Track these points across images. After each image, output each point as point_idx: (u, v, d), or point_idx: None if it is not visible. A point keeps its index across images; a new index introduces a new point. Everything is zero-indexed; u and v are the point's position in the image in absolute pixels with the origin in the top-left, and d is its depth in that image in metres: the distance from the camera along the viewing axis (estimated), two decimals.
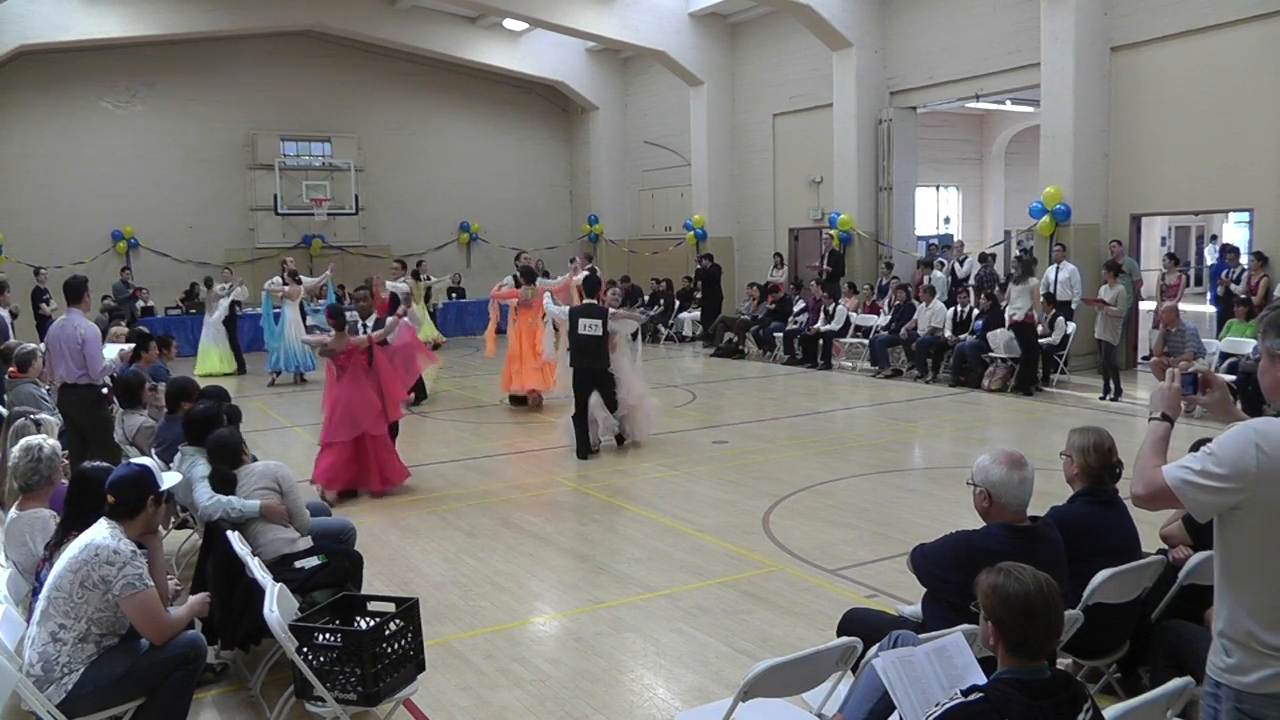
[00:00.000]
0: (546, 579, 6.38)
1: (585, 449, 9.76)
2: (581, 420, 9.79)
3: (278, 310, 15.47)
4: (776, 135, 20.25)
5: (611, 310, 10.09)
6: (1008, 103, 21.36)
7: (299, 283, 15.63)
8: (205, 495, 5.11)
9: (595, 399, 9.86)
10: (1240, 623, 2.56)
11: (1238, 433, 2.50)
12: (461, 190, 24.29)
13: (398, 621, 4.04)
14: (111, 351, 9.09)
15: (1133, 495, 2.69)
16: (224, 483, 5.16)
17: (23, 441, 4.81)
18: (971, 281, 16.45)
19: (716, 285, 19.35)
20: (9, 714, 3.61)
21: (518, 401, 12.72)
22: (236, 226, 22.19)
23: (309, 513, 5.41)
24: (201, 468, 5.25)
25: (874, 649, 3.36)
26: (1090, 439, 4.20)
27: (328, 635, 3.94)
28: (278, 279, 15.75)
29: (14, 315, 13.10)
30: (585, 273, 11.60)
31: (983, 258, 17.49)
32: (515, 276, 13.14)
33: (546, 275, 14.12)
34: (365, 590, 5.23)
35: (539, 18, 19.76)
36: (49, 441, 4.85)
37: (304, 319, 15.39)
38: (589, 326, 9.67)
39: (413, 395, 12.43)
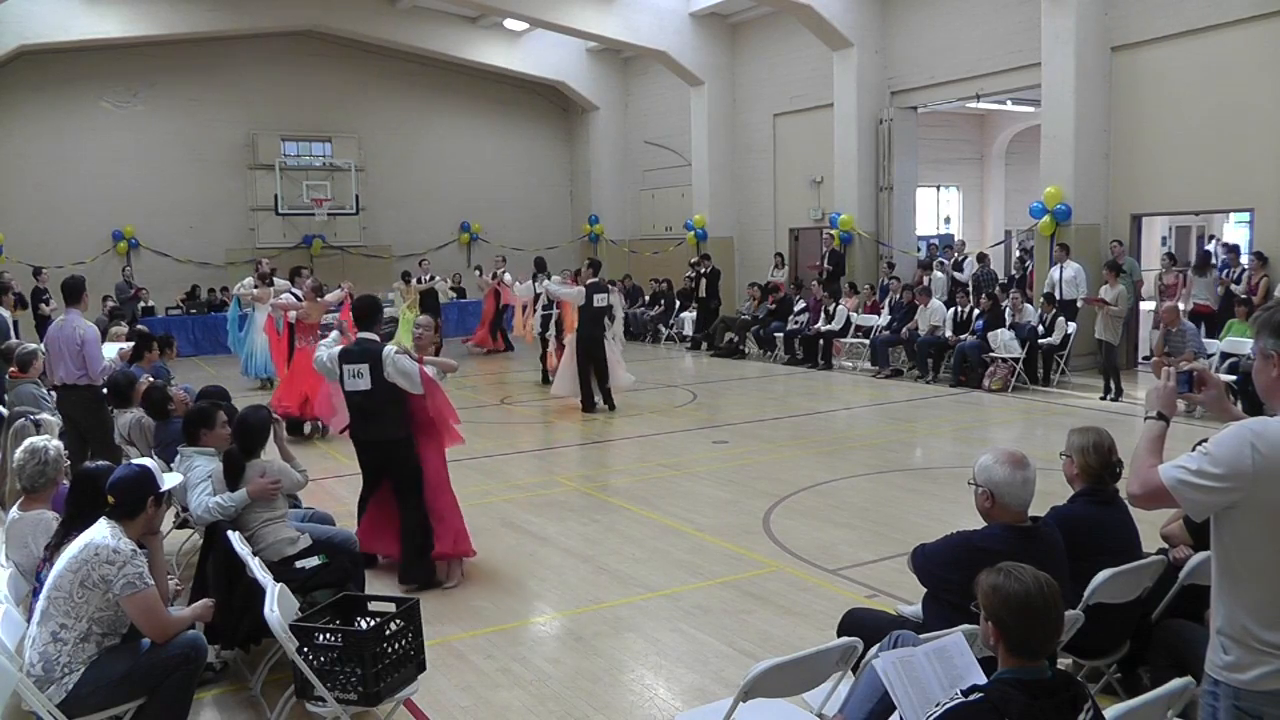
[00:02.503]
0: (546, 579, 6.37)
1: (591, 404, 12.04)
2: (588, 381, 11.99)
3: (244, 314, 14.80)
4: (777, 135, 20.25)
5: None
6: (1008, 103, 21.35)
7: (270, 285, 14.40)
8: (195, 502, 5.10)
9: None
10: (1237, 620, 2.56)
11: (1234, 432, 2.50)
12: (461, 190, 24.29)
13: (398, 621, 4.04)
14: (111, 351, 9.10)
15: (1129, 495, 2.69)
16: (235, 470, 5.12)
17: (28, 443, 4.80)
18: (969, 282, 16.45)
19: (714, 288, 19.16)
20: (9, 714, 3.61)
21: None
22: (237, 226, 22.19)
23: (312, 521, 5.41)
24: (200, 470, 5.24)
25: (874, 649, 3.36)
26: (1090, 439, 4.21)
27: (328, 635, 3.94)
28: (249, 280, 14.82)
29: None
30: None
31: (980, 257, 17.50)
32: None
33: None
34: (365, 591, 5.23)
35: (539, 18, 19.76)
36: (54, 443, 4.85)
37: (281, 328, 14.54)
38: (601, 300, 11.96)
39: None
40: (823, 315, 16.11)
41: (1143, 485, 2.61)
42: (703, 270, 18.83)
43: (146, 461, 4.54)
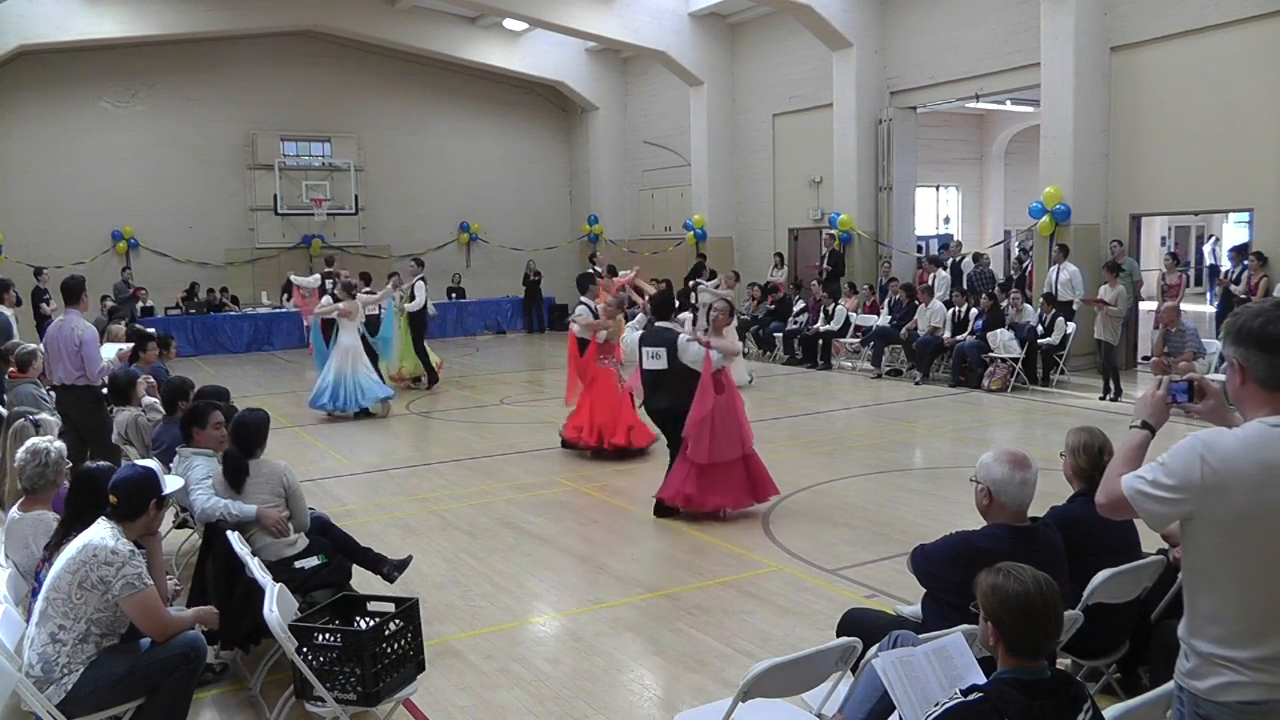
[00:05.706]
0: (546, 579, 6.37)
1: None
2: None
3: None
4: (776, 135, 20.24)
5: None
6: (1008, 103, 21.35)
7: (353, 297, 12.19)
8: (203, 497, 5.08)
9: None
10: (1196, 630, 2.56)
11: (1187, 444, 2.49)
12: (461, 190, 24.29)
13: (398, 621, 4.04)
14: (110, 351, 9.10)
15: (1096, 504, 2.68)
16: (237, 471, 5.08)
17: (29, 443, 4.79)
18: (964, 282, 16.44)
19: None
20: (9, 714, 3.61)
21: None
22: (236, 226, 22.18)
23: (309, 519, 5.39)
24: (199, 469, 5.23)
25: (874, 649, 3.36)
26: (1081, 439, 4.21)
27: (327, 635, 3.94)
28: (327, 298, 12.50)
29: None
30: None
31: (977, 257, 17.50)
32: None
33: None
34: (365, 590, 5.22)
35: (539, 18, 19.75)
36: (55, 444, 4.83)
37: (366, 345, 12.45)
38: None
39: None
40: (822, 315, 16.11)
41: (1107, 495, 2.61)
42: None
43: (150, 463, 4.54)
